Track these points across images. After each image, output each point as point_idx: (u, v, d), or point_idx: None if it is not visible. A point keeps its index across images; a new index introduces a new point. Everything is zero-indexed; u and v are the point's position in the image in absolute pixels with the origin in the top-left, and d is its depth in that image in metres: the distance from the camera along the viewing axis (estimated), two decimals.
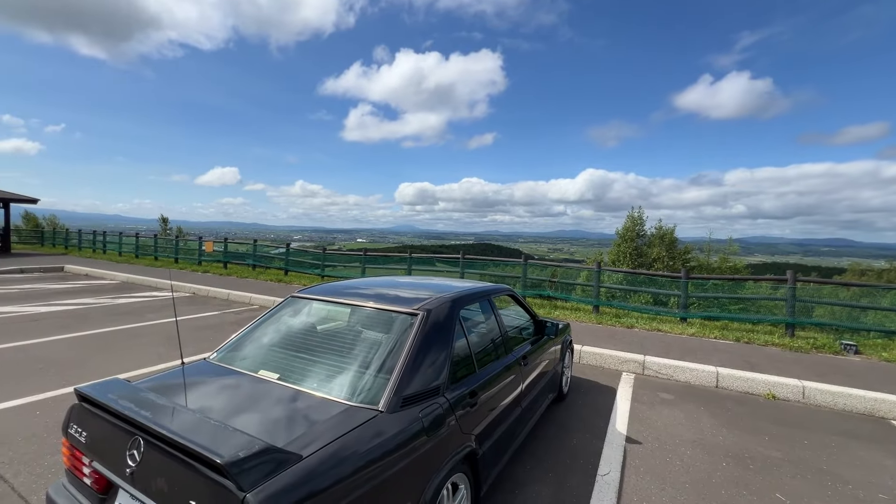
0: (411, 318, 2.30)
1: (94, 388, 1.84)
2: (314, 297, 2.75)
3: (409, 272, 10.64)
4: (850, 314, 8.26)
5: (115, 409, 1.66)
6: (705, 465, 3.29)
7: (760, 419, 4.23)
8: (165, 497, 1.46)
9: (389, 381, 1.95)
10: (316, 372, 2.14)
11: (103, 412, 1.75)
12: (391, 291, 2.72)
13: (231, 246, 15.37)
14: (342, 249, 14.19)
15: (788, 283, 6.92)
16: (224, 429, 1.52)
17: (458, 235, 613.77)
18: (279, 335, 2.55)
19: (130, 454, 1.59)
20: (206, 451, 1.35)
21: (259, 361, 2.30)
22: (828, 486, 3.07)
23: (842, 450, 3.65)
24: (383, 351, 2.16)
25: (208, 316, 8.09)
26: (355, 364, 2.14)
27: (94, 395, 1.77)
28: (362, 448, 1.62)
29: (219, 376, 2.16)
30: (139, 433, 1.59)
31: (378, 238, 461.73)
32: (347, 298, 2.62)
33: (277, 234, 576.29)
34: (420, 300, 2.47)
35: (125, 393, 1.82)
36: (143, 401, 1.74)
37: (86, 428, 1.79)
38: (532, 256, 9.52)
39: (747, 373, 5.16)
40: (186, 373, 2.21)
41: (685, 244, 21.66)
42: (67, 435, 1.86)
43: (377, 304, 2.48)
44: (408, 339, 2.17)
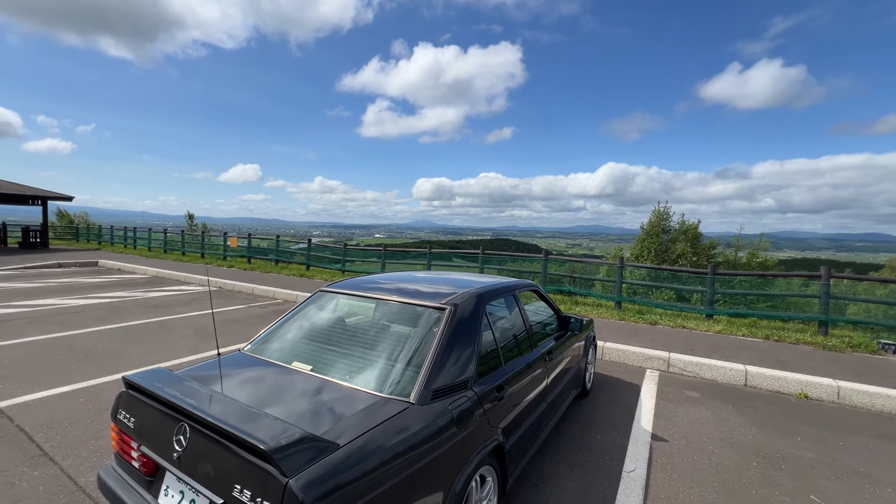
0: (439, 313, 2.33)
1: (142, 377, 1.93)
2: (342, 291, 2.81)
3: (428, 267, 10.69)
4: (887, 312, 7.91)
5: (163, 397, 1.74)
6: (735, 465, 3.23)
7: (792, 419, 4.12)
8: (211, 480, 1.53)
9: (419, 375, 1.99)
10: (347, 364, 2.20)
11: (151, 399, 1.84)
12: (417, 287, 2.75)
13: (254, 242, 15.73)
14: (360, 245, 14.37)
15: (822, 280, 6.67)
16: (265, 417, 1.58)
17: (476, 231, 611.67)
18: (310, 328, 2.62)
19: (177, 439, 1.67)
20: (250, 437, 1.41)
21: (292, 353, 2.37)
22: (865, 489, 2.97)
23: (880, 452, 3.52)
24: (412, 345, 2.20)
25: (235, 309, 8.32)
26: (385, 357, 2.19)
27: (142, 383, 1.86)
28: (395, 439, 1.66)
29: (255, 367, 2.25)
30: (185, 420, 1.67)
31: (395, 233, 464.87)
32: (375, 293, 2.66)
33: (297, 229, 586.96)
34: (447, 295, 2.50)
35: (170, 381, 1.91)
36: (188, 389, 1.83)
37: (134, 414, 1.89)
38: (551, 252, 9.42)
39: (778, 371, 5.02)
40: (223, 363, 2.30)
41: (711, 239, 21.09)
42: (116, 420, 1.96)
43: (405, 299, 2.52)
44: (436, 333, 2.21)
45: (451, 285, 2.77)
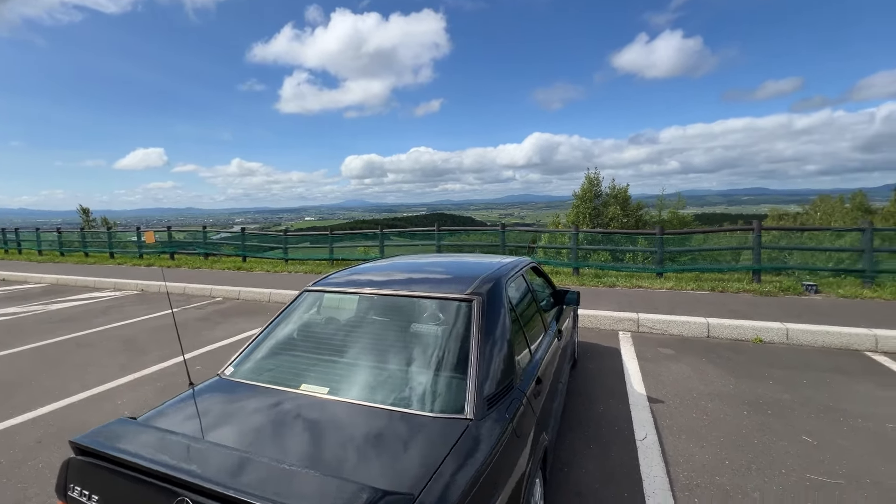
0: (467, 305, 2.01)
1: (99, 438, 1.41)
2: (336, 289, 2.37)
3: (381, 249, 10.19)
4: (803, 256, 8.96)
5: (146, 467, 1.26)
6: (730, 417, 3.37)
7: (758, 364, 4.44)
8: None
9: (468, 382, 1.68)
10: (369, 380, 1.82)
11: (121, 467, 1.35)
12: (425, 276, 2.40)
13: (173, 234, 13.97)
14: (293, 228, 13.33)
15: (755, 232, 7.32)
16: (308, 476, 1.19)
17: (410, 207, 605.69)
18: (306, 339, 2.18)
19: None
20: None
21: (294, 374, 1.94)
22: (841, 423, 3.25)
23: (838, 386, 3.90)
24: (445, 346, 1.88)
25: (168, 314, 7.29)
26: (415, 365, 1.85)
27: (105, 448, 1.36)
28: (470, 470, 1.35)
29: (250, 398, 1.78)
30: (186, 493, 1.22)
31: (327, 215, 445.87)
32: (379, 288, 2.27)
33: (217, 217, 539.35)
34: (465, 282, 2.18)
35: (143, 439, 1.42)
36: (173, 446, 1.36)
37: (97, 489, 1.38)
38: (506, 224, 9.41)
39: (734, 320, 5.41)
40: (206, 398, 1.81)
41: (638, 201, 22.65)
42: (68, 500, 1.44)
43: (421, 292, 2.16)
44: (470, 328, 1.90)
45: (460, 270, 2.46)
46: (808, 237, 8.48)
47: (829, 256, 8.68)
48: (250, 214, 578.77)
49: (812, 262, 8.09)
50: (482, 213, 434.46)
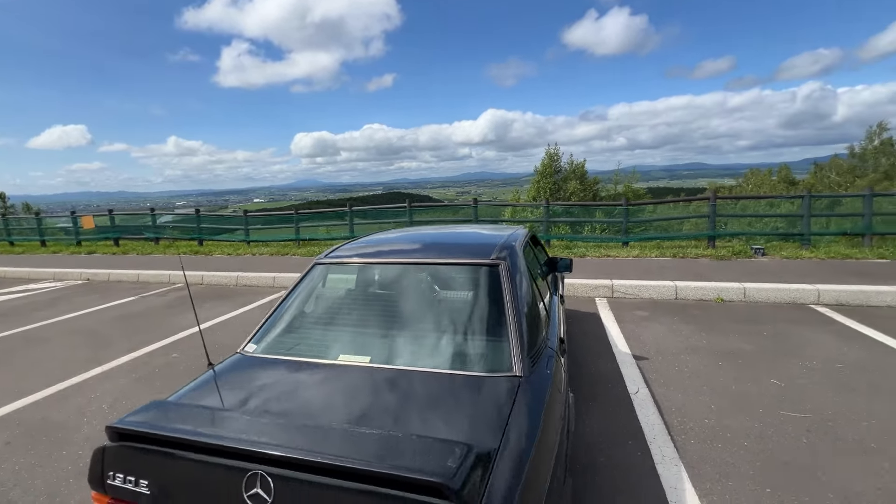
0: (494, 270, 2.04)
1: (142, 420, 1.32)
2: (351, 260, 2.31)
3: (351, 228, 9.93)
4: (741, 224, 9.75)
5: (209, 444, 1.20)
6: (708, 368, 3.69)
7: (722, 320, 4.86)
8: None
9: (511, 342, 1.72)
10: (409, 346, 1.81)
11: (175, 449, 1.27)
12: (440, 244, 2.40)
13: (117, 219, 12.82)
14: (269, 210, 12.67)
15: (711, 201, 7.86)
16: (394, 438, 1.18)
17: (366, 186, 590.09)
18: (331, 311, 2.12)
19: (250, 496, 1.18)
20: (412, 473, 1.02)
21: (325, 346, 1.89)
22: (800, 366, 3.65)
23: (792, 335, 4.36)
24: (480, 310, 1.91)
25: (126, 303, 6.78)
26: (452, 329, 1.86)
27: (153, 429, 1.27)
28: (532, 423, 1.40)
29: (287, 372, 1.73)
30: (260, 466, 1.17)
31: (278, 196, 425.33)
32: (398, 257, 2.23)
33: (154, 201, 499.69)
34: (485, 249, 2.19)
35: (191, 417, 1.35)
36: (230, 422, 1.30)
37: (146, 474, 1.30)
38: (481, 200, 9.48)
39: (698, 283, 5.85)
40: (237, 375, 1.74)
41: (594, 176, 23.51)
42: (108, 489, 1.34)
43: (444, 259, 2.16)
44: (502, 292, 1.93)
45: (474, 239, 2.47)
46: (753, 205, 9.21)
47: (765, 223, 9.50)
48: (192, 197, 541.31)
49: (759, 228, 8.84)
50: (439, 191, 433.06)
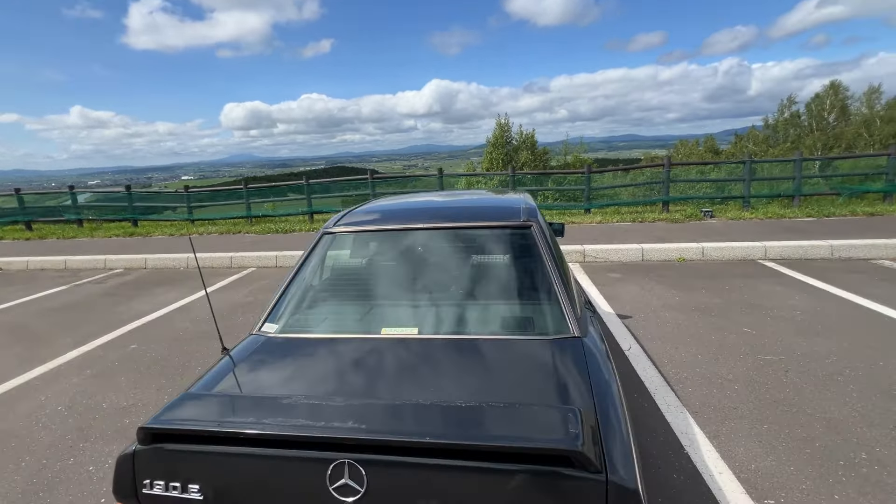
0: (526, 232, 1.95)
1: (184, 417, 1.12)
2: (366, 228, 2.11)
3: (309, 202, 9.35)
4: (693, 187, 10.41)
5: (283, 435, 1.03)
6: (687, 322, 3.93)
7: (688, 278, 5.19)
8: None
9: (560, 303, 1.66)
10: (456, 314, 1.70)
11: (229, 445, 1.08)
12: (455, 209, 2.26)
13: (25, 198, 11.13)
14: (216, 186, 11.58)
15: (665, 168, 8.28)
16: (485, 409, 1.08)
17: (307, 161, 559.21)
18: (353, 283, 1.94)
19: (337, 488, 1.03)
20: (535, 443, 0.93)
21: (358, 320, 1.72)
22: (764, 314, 4.00)
23: (749, 288, 4.75)
24: (520, 272, 1.83)
25: (57, 293, 5.97)
26: (496, 294, 1.78)
27: (203, 426, 1.07)
28: (610, 381, 1.36)
29: (325, 350, 1.55)
30: (349, 455, 1.02)
31: (209, 173, 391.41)
32: (420, 223, 2.07)
33: (61, 179, 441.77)
34: (510, 213, 2.09)
35: (240, 408, 1.16)
36: (294, 409, 1.13)
37: (194, 477, 1.10)
38: (443, 171, 9.29)
39: (661, 244, 6.19)
40: (264, 358, 1.54)
41: (544, 146, 23.99)
42: (142, 499, 1.13)
43: (473, 223, 2.04)
44: (540, 254, 1.85)
45: (491, 203, 2.37)
46: (697, 171, 9.85)
47: (708, 188, 10.20)
48: (108, 175, 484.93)
49: (706, 193, 9.51)
50: (385, 164, 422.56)
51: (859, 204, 7.91)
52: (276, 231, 9.00)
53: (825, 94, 39.31)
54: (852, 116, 38.11)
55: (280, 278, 6.03)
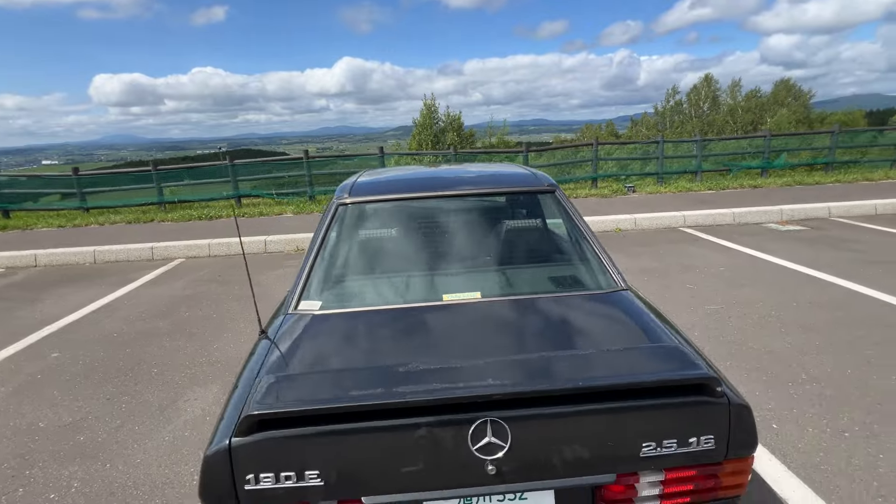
0: (552, 195, 2.01)
1: (302, 396, 1.00)
2: (384, 197, 1.99)
3: (234, 184, 8.45)
4: (619, 164, 11.39)
5: (433, 400, 0.96)
6: (639, 283, 4.33)
7: (628, 246, 5.74)
8: (570, 466, 1.03)
9: (601, 260, 1.75)
10: (508, 277, 1.72)
11: (352, 422, 0.99)
12: (470, 176, 2.23)
13: None
14: (118, 168, 9.86)
15: (594, 146, 8.95)
16: (612, 353, 1.12)
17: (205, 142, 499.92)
18: (389, 252, 1.84)
19: (481, 448, 1.00)
20: (673, 375, 1.00)
21: (414, 289, 1.65)
22: (698, 272, 4.59)
23: (680, 251, 5.41)
24: (557, 233, 1.90)
25: None
26: (541, 255, 1.83)
27: (332, 402, 0.96)
28: (670, 322, 1.49)
29: (396, 322, 1.47)
30: (489, 413, 0.99)
31: (80, 156, 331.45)
32: (442, 190, 2.02)
33: None
34: (528, 178, 2.13)
35: (354, 381, 1.07)
36: (414, 375, 1.06)
37: (312, 462, 0.99)
38: (385, 150, 9.01)
39: (599, 217, 6.74)
40: (325, 334, 1.42)
41: (469, 129, 24.37)
42: (242, 497, 0.99)
43: (498, 188, 2.04)
44: (569, 214, 1.93)
45: (503, 170, 2.36)
46: (616, 149, 10.81)
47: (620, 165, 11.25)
48: None
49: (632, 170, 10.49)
50: (296, 146, 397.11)
51: (744, 178, 9.35)
52: (198, 218, 8.06)
53: (701, 85, 45.22)
54: (721, 106, 44.49)
55: (222, 267, 5.47)
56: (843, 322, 3.31)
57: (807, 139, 10.97)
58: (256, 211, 8.18)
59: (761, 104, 40.86)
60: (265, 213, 8.19)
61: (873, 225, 6.24)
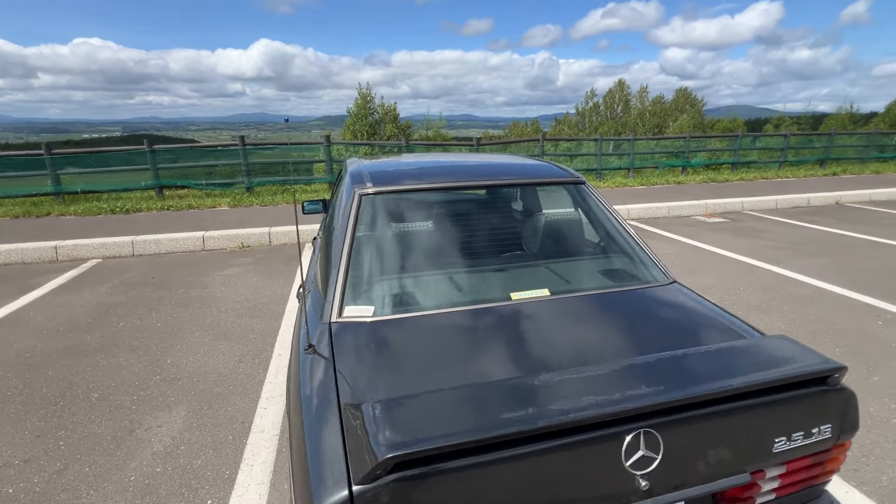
0: (583, 187, 1.96)
1: (439, 432, 0.80)
2: (406, 186, 1.79)
3: (155, 174, 7.34)
4: (565, 161, 11.90)
5: (584, 418, 0.83)
6: None
7: None
8: (718, 466, 0.98)
9: (646, 253, 1.74)
10: (560, 272, 1.63)
11: (488, 452, 0.83)
12: (492, 167, 2.11)
13: None
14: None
15: (540, 142, 9.25)
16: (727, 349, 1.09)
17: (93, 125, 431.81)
18: (426, 248, 1.65)
19: (634, 463, 0.90)
20: (801, 369, 0.99)
21: (465, 286, 1.49)
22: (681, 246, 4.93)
23: None
24: (597, 226, 1.84)
25: None
26: (589, 249, 1.76)
27: (476, 433, 0.79)
28: None
29: (471, 323, 1.31)
30: (642, 423, 0.89)
31: None
32: (473, 180, 1.88)
33: None
34: (550, 171, 2.06)
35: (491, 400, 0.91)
36: (549, 389, 0.93)
37: (446, 500, 0.81)
38: (330, 139, 8.42)
39: None
40: (389, 344, 1.21)
41: (406, 120, 23.96)
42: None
43: (528, 180, 1.94)
44: (602, 207, 1.90)
45: (522, 162, 2.28)
46: (574, 146, 11.31)
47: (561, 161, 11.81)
48: None
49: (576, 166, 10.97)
50: (207, 133, 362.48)
51: (669, 175, 10.29)
52: (109, 211, 6.91)
53: (615, 89, 49.26)
54: (632, 109, 48.85)
55: (153, 268, 4.74)
56: (784, 300, 3.76)
57: (714, 141, 12.40)
58: (185, 203, 7.24)
59: (665, 109, 45.54)
60: (194, 205, 7.28)
61: (776, 217, 7.21)
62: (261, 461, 2.04)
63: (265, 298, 3.95)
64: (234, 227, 5.98)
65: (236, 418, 2.35)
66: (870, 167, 11.89)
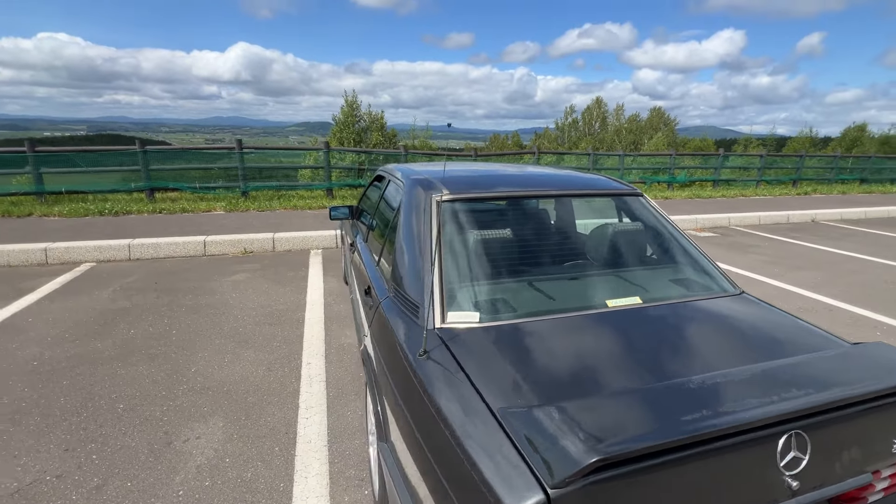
0: (642, 199, 2.04)
1: (637, 431, 0.82)
2: (489, 194, 1.83)
3: (146, 174, 7.05)
4: None
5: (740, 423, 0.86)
6: None
7: None
8: (852, 462, 1.03)
9: (710, 264, 1.81)
10: (637, 279, 1.70)
11: (671, 453, 0.84)
12: (557, 177, 2.16)
13: None
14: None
15: (534, 156, 9.42)
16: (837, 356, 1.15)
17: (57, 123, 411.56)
18: (513, 255, 1.67)
19: (786, 464, 0.93)
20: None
21: (559, 293, 1.52)
22: None
23: None
24: (663, 237, 1.91)
25: None
26: (661, 259, 1.82)
27: (662, 436, 0.81)
28: None
29: (573, 332, 1.32)
30: (789, 425, 0.93)
31: None
32: (537, 190, 1.93)
33: None
34: (604, 182, 2.13)
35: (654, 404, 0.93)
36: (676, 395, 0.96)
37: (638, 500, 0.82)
38: (330, 146, 8.32)
39: None
40: (508, 349, 1.22)
41: (392, 128, 23.99)
42: None
43: (594, 190, 2.00)
44: (662, 218, 1.97)
45: (578, 175, 2.34)
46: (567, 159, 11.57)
47: None
48: None
49: None
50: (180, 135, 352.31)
51: (656, 190, 10.66)
52: (96, 213, 6.60)
53: (593, 106, 50.92)
54: (609, 126, 50.55)
55: (155, 273, 4.54)
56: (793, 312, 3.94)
57: (691, 159, 12.96)
58: (178, 207, 6.98)
59: (640, 127, 47.35)
60: (188, 209, 7.03)
61: (761, 232, 7.58)
62: (314, 473, 1.98)
63: (281, 305, 3.85)
64: (234, 232, 5.82)
65: (278, 429, 2.27)
66: (836, 188, 12.68)
